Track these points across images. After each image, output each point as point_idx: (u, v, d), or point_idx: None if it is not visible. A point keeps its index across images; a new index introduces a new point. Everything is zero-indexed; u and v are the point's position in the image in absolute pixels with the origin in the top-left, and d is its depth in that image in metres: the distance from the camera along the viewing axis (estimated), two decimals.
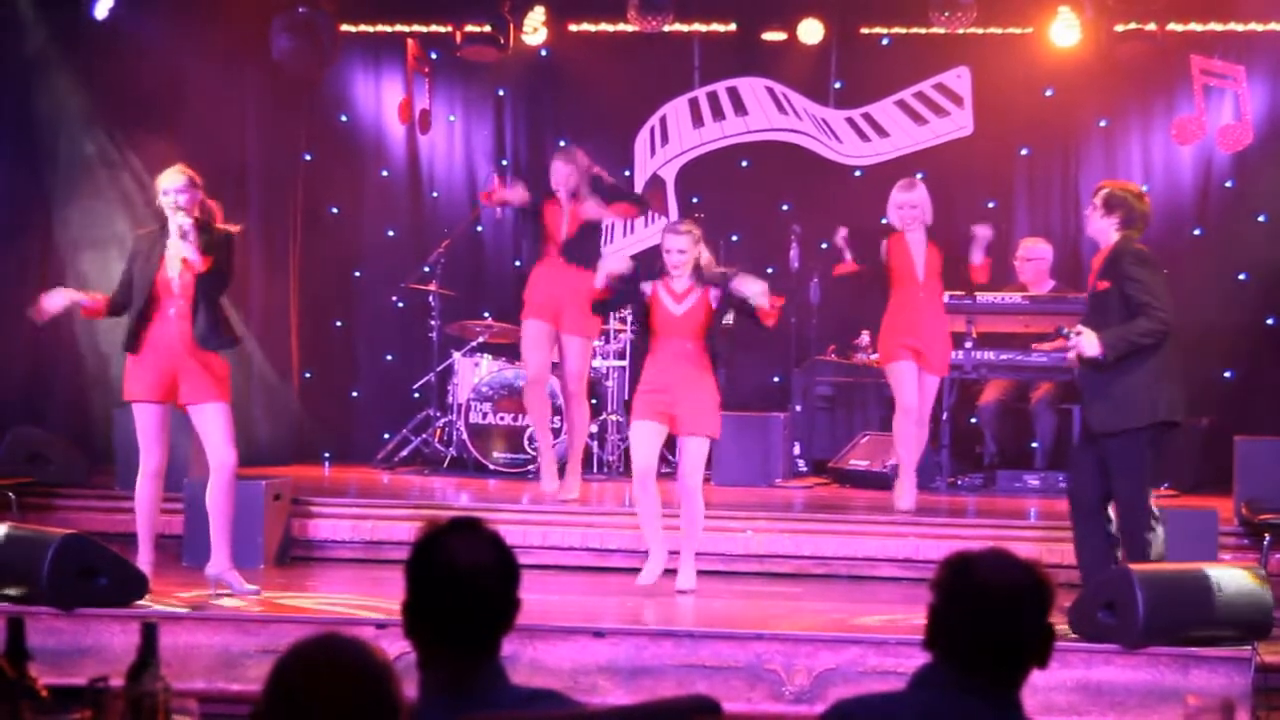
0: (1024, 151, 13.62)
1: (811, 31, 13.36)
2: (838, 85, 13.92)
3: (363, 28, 13.76)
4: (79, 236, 11.72)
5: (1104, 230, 7.98)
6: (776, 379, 13.78)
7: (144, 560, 8.21)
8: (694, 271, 8.89)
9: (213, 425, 8.19)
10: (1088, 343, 7.78)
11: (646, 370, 8.93)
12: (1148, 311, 7.74)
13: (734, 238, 13.81)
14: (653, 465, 8.79)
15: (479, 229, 14.03)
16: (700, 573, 9.02)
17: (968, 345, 11.52)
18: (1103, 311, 7.90)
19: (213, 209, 8.28)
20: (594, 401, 11.49)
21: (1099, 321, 7.89)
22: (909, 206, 10.54)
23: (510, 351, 12.74)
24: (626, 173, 14.14)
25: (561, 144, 13.18)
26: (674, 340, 8.86)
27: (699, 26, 13.85)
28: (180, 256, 8.10)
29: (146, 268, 8.17)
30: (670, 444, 8.87)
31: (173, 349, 8.13)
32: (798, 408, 12.85)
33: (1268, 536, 9.06)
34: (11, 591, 7.70)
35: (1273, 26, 12.71)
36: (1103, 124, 13.48)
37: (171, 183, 8.14)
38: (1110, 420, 7.90)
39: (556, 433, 11.32)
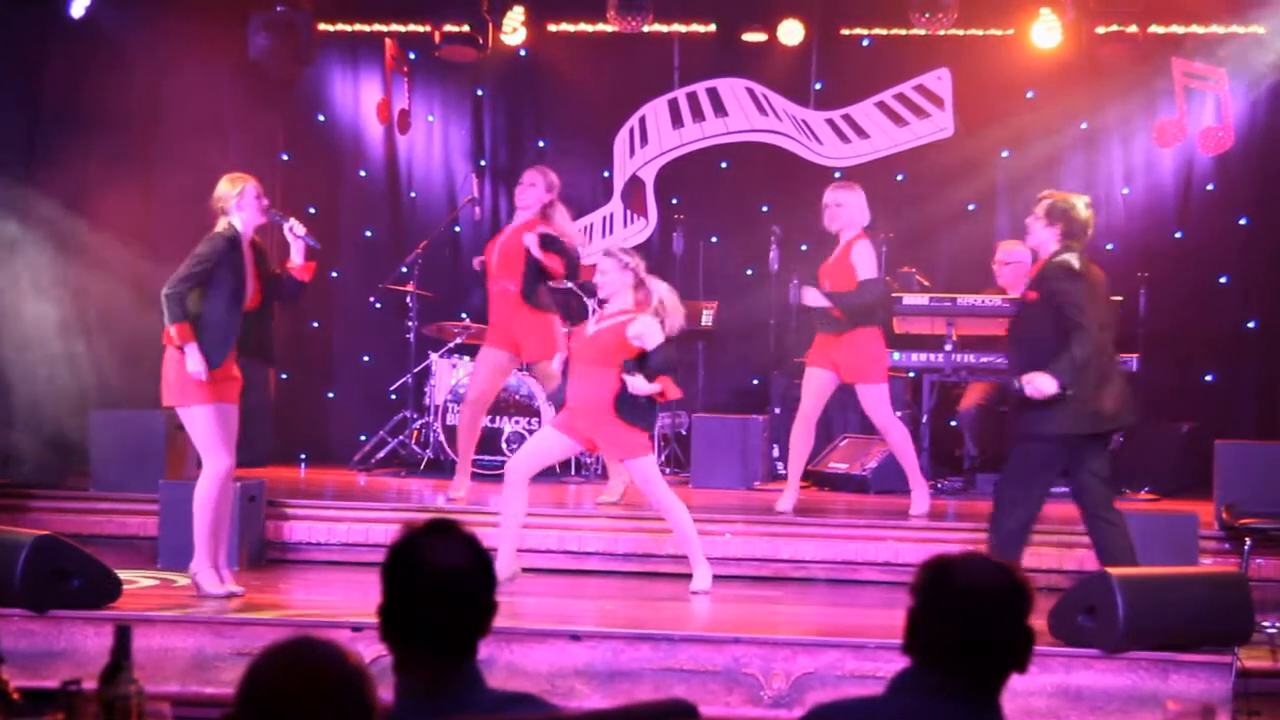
0: (1005, 153, 13.58)
1: (791, 32, 13.34)
2: (818, 86, 13.89)
3: (341, 27, 13.72)
4: (50, 236, 11.61)
5: (1046, 241, 8.02)
6: (755, 381, 13.74)
7: (202, 561, 8.24)
8: (628, 297, 8.81)
9: (234, 428, 8.27)
10: (1044, 385, 7.77)
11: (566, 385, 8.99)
12: (1077, 332, 7.77)
13: (713, 239, 13.81)
14: (531, 468, 8.83)
15: (457, 230, 13.96)
16: (681, 575, 9.03)
17: (947, 348, 11.52)
18: (1029, 322, 8.00)
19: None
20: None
21: (1025, 330, 8.03)
22: (831, 205, 10.42)
23: None
24: (606, 174, 14.15)
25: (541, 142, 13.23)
26: (581, 363, 8.84)
27: (679, 27, 13.81)
28: (253, 264, 8.22)
29: (238, 278, 8.16)
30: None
31: (229, 359, 8.21)
32: (777, 410, 12.79)
33: (1248, 541, 9.03)
34: None
35: (1254, 29, 12.66)
36: (1084, 126, 13.45)
37: (255, 187, 8.27)
38: (1046, 425, 7.93)
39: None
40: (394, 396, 13.22)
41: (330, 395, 14.03)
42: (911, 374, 12.30)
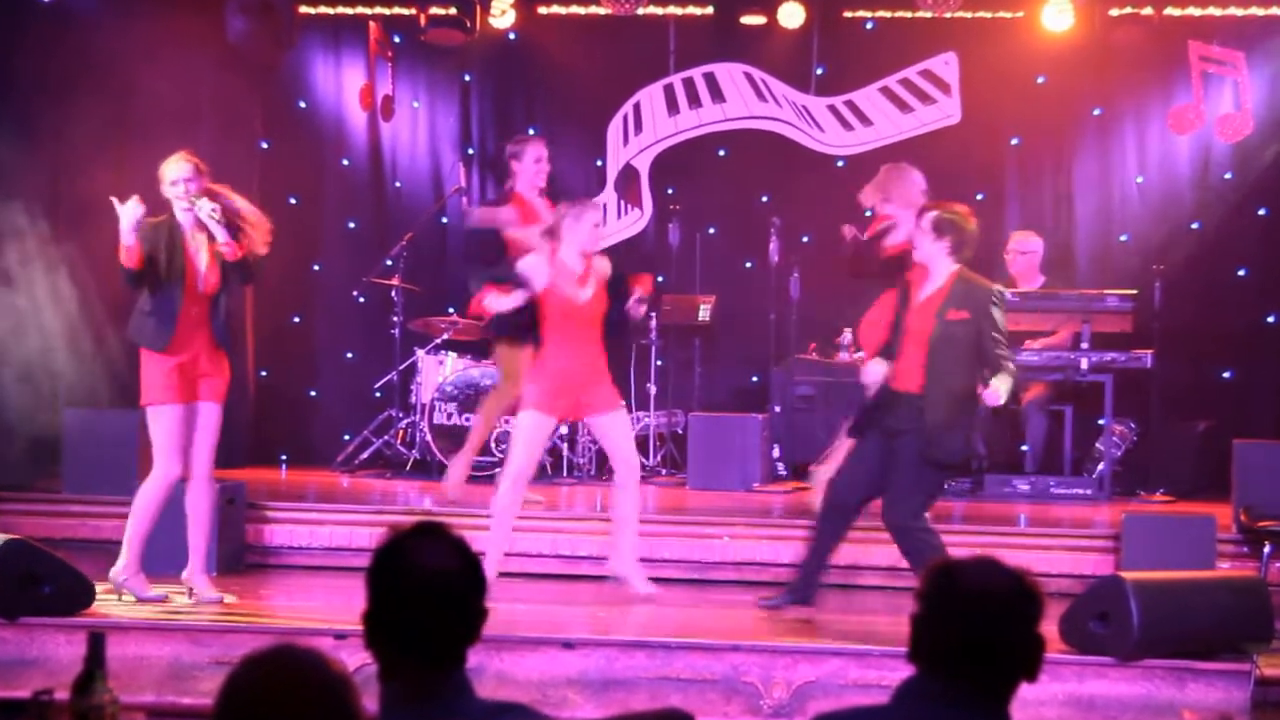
0: (1014, 141, 13.46)
1: (792, 15, 13.17)
2: (819, 71, 13.77)
3: (322, 9, 13.61)
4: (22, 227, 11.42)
5: (935, 255, 8.11)
6: (755, 378, 13.61)
7: (133, 566, 8.24)
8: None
9: (213, 428, 8.27)
10: (1003, 393, 7.89)
11: (551, 362, 8.70)
12: (1004, 364, 7.93)
13: (711, 230, 13.69)
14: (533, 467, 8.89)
15: (444, 221, 13.90)
16: (675, 581, 9.06)
17: None
18: (950, 340, 8.02)
19: (219, 193, 8.33)
20: None
21: (945, 350, 8.02)
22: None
23: (476, 349, 12.63)
24: (599, 163, 14.07)
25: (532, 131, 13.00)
26: (577, 329, 8.67)
27: (674, 9, 13.67)
28: (208, 247, 8.15)
29: (173, 261, 8.13)
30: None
31: (194, 347, 8.20)
32: (777, 408, 12.65)
33: (1268, 544, 9.05)
34: None
35: (1274, 11, 12.58)
36: (1097, 112, 13.33)
37: (180, 171, 8.18)
38: (960, 452, 8.20)
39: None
40: (379, 394, 13.12)
41: (312, 393, 13.91)
42: None
